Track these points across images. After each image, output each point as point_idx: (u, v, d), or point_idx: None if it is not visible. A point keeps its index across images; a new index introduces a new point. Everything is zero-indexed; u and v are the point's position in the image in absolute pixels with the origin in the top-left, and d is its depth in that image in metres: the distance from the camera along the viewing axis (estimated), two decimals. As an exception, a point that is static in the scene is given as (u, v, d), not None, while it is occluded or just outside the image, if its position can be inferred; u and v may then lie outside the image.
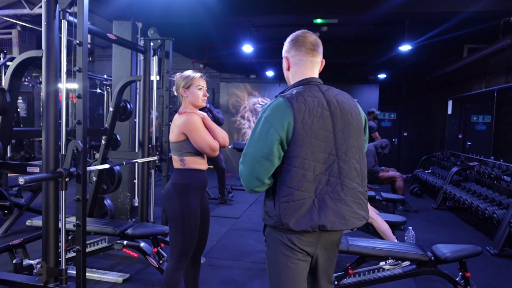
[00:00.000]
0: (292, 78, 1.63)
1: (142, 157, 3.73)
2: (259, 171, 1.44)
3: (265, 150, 1.42)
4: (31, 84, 8.05)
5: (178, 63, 9.98)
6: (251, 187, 1.49)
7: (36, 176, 2.27)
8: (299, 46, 1.59)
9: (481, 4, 4.20)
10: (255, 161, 1.44)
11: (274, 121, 1.43)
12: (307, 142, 1.43)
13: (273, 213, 1.48)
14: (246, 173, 1.47)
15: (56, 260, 2.48)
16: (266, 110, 1.47)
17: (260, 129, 1.45)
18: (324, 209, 1.45)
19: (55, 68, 2.43)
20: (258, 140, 1.45)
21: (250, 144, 1.48)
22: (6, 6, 5.89)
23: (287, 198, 1.44)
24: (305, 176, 1.43)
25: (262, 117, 1.47)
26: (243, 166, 1.48)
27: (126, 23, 4.78)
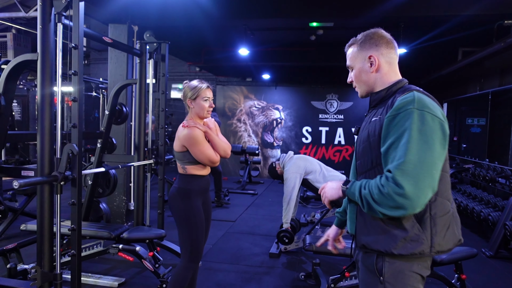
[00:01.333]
0: (381, 80, 1.43)
1: (138, 161, 3.72)
2: (436, 178, 1.20)
3: (442, 150, 1.22)
4: (26, 87, 8.01)
5: (174, 66, 9.98)
6: (425, 202, 1.19)
7: (30, 180, 2.25)
8: (389, 43, 1.42)
9: (475, 8, 4.24)
10: (432, 166, 1.18)
11: (439, 115, 1.25)
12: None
13: (419, 236, 1.26)
14: (420, 185, 1.16)
15: (50, 264, 2.46)
16: (420, 103, 1.23)
17: (431, 126, 1.20)
18: (458, 221, 1.35)
19: (51, 71, 2.41)
20: (431, 139, 1.19)
21: (417, 147, 1.18)
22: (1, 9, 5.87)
23: (444, 211, 1.28)
24: (450, 183, 1.33)
25: (424, 112, 1.22)
26: (410, 177, 1.16)
27: (122, 26, 4.77)
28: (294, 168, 4.01)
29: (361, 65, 1.45)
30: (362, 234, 1.37)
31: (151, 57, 3.77)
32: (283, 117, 9.33)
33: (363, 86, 1.47)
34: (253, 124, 9.43)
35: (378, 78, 1.43)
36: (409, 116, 1.21)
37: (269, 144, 9.39)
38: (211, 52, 7.74)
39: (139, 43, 3.76)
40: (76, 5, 2.38)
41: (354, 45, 1.47)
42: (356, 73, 1.47)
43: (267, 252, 3.95)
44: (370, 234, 1.34)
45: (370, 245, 1.33)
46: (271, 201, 6.64)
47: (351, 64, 1.49)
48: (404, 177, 1.16)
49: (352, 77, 1.51)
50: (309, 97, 9.19)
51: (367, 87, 1.46)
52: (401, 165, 1.17)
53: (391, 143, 1.23)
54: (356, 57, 1.45)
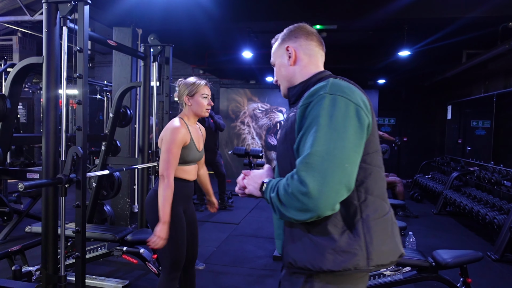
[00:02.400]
0: (301, 72, 1.27)
1: (142, 163, 3.73)
2: (350, 173, 0.99)
3: (357, 139, 1.02)
4: (31, 90, 8.06)
5: (178, 69, 10.01)
6: (335, 203, 0.99)
7: (35, 182, 2.27)
8: (309, 35, 1.30)
9: (480, 10, 4.23)
10: (344, 158, 0.98)
11: (357, 100, 1.05)
12: (375, 133, 1.12)
13: (351, 245, 1.03)
14: (328, 181, 0.96)
15: (55, 266, 2.46)
16: (332, 88, 1.06)
17: (343, 112, 1.02)
18: (396, 229, 1.14)
19: (56, 74, 2.43)
20: (343, 126, 1.00)
21: (326, 137, 0.99)
22: (7, 13, 5.92)
23: (379, 213, 1.07)
24: (383, 179, 1.13)
25: (337, 97, 1.04)
26: (316, 173, 0.97)
27: (126, 29, 4.80)
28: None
29: (280, 60, 1.31)
30: (288, 249, 1.14)
31: (155, 60, 3.78)
32: (286, 119, 9.33)
33: (284, 82, 1.31)
34: (256, 127, 9.43)
35: (297, 71, 1.27)
36: (320, 102, 1.03)
37: (272, 146, 9.38)
38: (215, 55, 7.76)
39: (143, 46, 3.78)
40: (81, 8, 2.40)
41: (276, 41, 1.36)
42: (277, 69, 1.34)
43: (270, 255, 3.94)
44: (297, 248, 1.10)
45: (297, 261, 1.09)
46: (274, 203, 6.62)
47: (273, 60, 1.36)
48: (308, 172, 0.97)
49: (275, 75, 1.37)
50: (313, 99, 9.17)
51: (287, 83, 1.30)
52: (306, 158, 0.98)
53: (301, 137, 1.05)
54: (277, 51, 1.34)
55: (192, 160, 2.23)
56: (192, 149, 2.20)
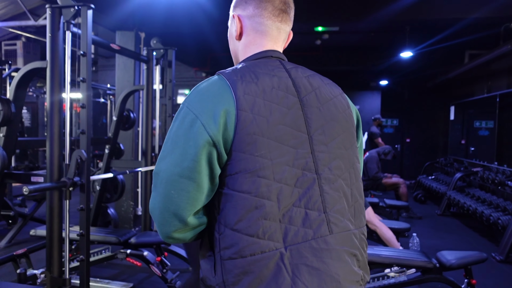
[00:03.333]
0: (242, 52, 1.02)
1: (145, 166, 3.74)
2: (177, 202, 0.83)
3: (185, 162, 0.82)
4: (36, 94, 8.12)
5: (181, 72, 10.04)
6: (168, 232, 0.86)
7: (40, 186, 2.28)
8: (262, 1, 0.99)
9: (482, 11, 4.23)
10: (170, 183, 0.83)
11: (200, 109, 0.83)
12: (263, 146, 0.82)
13: (212, 281, 0.86)
14: (159, 207, 0.85)
15: (60, 269, 2.48)
16: (190, 95, 0.89)
17: (178, 127, 0.85)
18: (303, 272, 0.82)
19: (59, 78, 2.45)
20: (174, 146, 0.84)
21: (162, 155, 0.87)
22: (11, 18, 5.97)
23: (233, 251, 0.82)
24: (263, 209, 0.81)
25: (184, 107, 0.87)
26: (154, 194, 0.87)
27: (129, 33, 4.83)
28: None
29: (230, 27, 1.06)
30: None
31: (158, 63, 3.80)
32: (289, 121, 9.32)
33: (232, 57, 1.09)
34: (259, 129, 9.43)
35: (240, 49, 1.03)
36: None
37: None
38: (218, 58, 7.78)
39: (146, 50, 3.80)
40: (84, 13, 2.42)
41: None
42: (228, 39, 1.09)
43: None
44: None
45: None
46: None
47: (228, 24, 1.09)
48: (152, 191, 0.88)
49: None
50: (315, 101, 9.17)
51: (234, 60, 1.08)
52: (153, 175, 0.89)
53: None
54: (230, 16, 1.06)
55: None
56: None
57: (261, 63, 0.94)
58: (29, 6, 5.48)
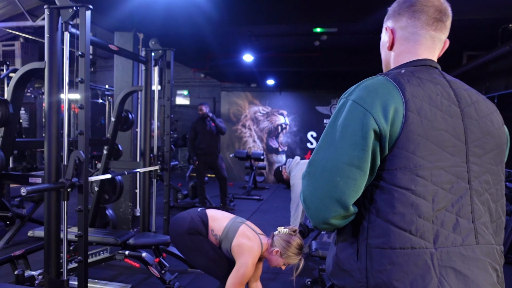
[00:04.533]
0: (394, 61, 1.06)
1: (144, 167, 3.74)
2: (343, 189, 0.87)
3: (354, 151, 0.87)
4: (34, 95, 8.10)
5: (179, 72, 10.05)
6: (326, 218, 0.90)
7: (38, 187, 2.27)
8: (416, 11, 1.01)
9: (479, 12, 4.24)
10: (335, 171, 0.88)
11: (370, 104, 0.88)
12: (425, 148, 0.87)
13: (352, 265, 0.92)
14: (318, 194, 0.90)
15: (57, 271, 2.47)
16: (354, 91, 0.93)
17: (345, 119, 0.90)
18: (450, 275, 0.84)
19: (58, 79, 2.45)
20: (341, 136, 0.89)
21: (324, 145, 0.92)
22: (9, 19, 5.96)
23: (383, 240, 0.87)
24: (419, 207, 0.85)
25: (348, 101, 0.92)
26: (310, 182, 0.92)
27: (128, 34, 4.82)
28: (301, 174, 4.00)
29: (383, 38, 1.11)
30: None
31: (157, 64, 3.80)
32: (288, 122, 9.34)
33: (383, 67, 1.14)
34: (258, 130, 9.44)
35: (392, 59, 1.07)
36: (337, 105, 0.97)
37: (274, 149, 9.39)
38: (216, 59, 7.79)
39: (144, 51, 3.80)
40: (82, 14, 2.41)
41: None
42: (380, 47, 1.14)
43: (273, 258, 3.93)
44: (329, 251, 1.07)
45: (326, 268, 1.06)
46: (276, 206, 6.62)
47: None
48: (306, 181, 0.94)
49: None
50: (314, 102, 9.19)
51: (385, 68, 1.13)
52: (307, 165, 0.95)
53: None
54: (384, 27, 1.11)
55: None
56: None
57: (423, 70, 0.98)
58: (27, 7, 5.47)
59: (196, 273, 3.49)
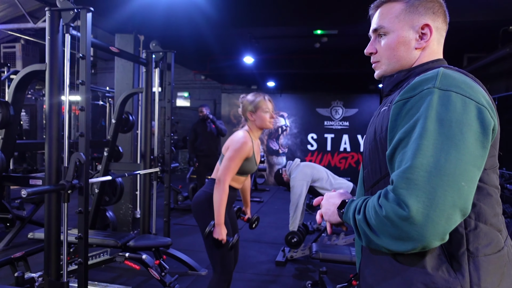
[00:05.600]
0: (418, 60, 1.00)
1: (144, 169, 3.73)
2: (468, 194, 0.76)
3: (477, 150, 0.78)
4: (34, 97, 8.11)
5: (180, 74, 10.06)
6: (445, 232, 0.75)
7: (38, 189, 2.27)
8: (444, 13, 1.02)
9: (480, 14, 4.24)
10: (460, 174, 0.75)
11: (478, 98, 0.81)
12: (497, 146, 0.90)
13: (450, 284, 0.81)
14: (438, 205, 0.74)
15: (58, 273, 2.47)
16: (451, 81, 0.83)
17: (460, 113, 0.78)
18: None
19: (58, 81, 2.45)
20: (459, 133, 0.76)
21: (433, 145, 0.77)
22: (10, 21, 5.97)
23: (489, 247, 0.83)
24: (500, 205, 0.90)
25: (449, 93, 0.80)
26: (422, 192, 0.74)
27: (128, 36, 4.83)
28: (300, 176, 4.00)
29: (405, 34, 0.98)
30: (366, 273, 0.96)
31: (157, 66, 3.80)
32: (288, 124, 9.34)
33: (393, 64, 1.01)
34: (258, 132, 9.44)
35: (420, 58, 1.00)
36: (425, 98, 0.81)
37: (274, 151, 9.39)
38: (216, 61, 7.80)
39: (145, 53, 3.80)
40: (83, 16, 2.42)
41: (400, 2, 1.00)
42: (392, 43, 1.00)
43: (273, 260, 3.92)
44: (377, 274, 0.92)
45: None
46: (277, 208, 6.61)
47: (388, 26, 1.00)
48: (410, 191, 0.75)
49: (379, 47, 1.04)
50: (314, 104, 9.20)
51: (397, 65, 1.01)
52: (406, 172, 0.76)
53: (398, 141, 0.82)
54: (402, 19, 0.98)
55: (249, 171, 2.33)
56: (252, 162, 2.30)
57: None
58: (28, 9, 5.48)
59: (196, 275, 3.48)
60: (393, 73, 1.03)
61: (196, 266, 3.55)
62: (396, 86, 1.01)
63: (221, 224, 2.15)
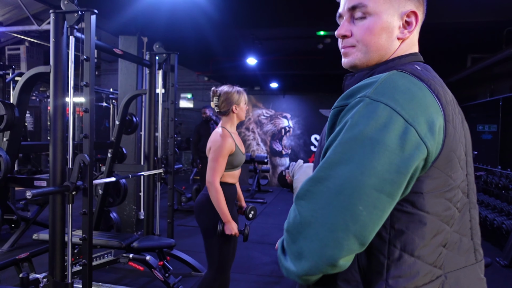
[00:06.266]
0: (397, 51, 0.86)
1: (148, 170, 3.74)
2: (366, 221, 0.66)
3: (387, 173, 0.67)
4: (39, 99, 8.16)
5: (183, 76, 10.08)
6: (334, 257, 0.66)
7: (43, 190, 2.29)
8: (424, 3, 0.91)
9: (484, 15, 4.23)
10: (357, 197, 0.66)
11: (413, 115, 0.69)
12: (454, 165, 0.75)
13: None
14: (327, 223, 0.66)
15: (62, 274, 2.48)
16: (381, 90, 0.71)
17: (377, 128, 0.68)
18: None
19: (63, 83, 2.46)
20: (371, 151, 0.67)
21: (341, 159, 0.69)
22: (15, 23, 6.02)
23: (411, 280, 0.72)
24: (443, 234, 0.75)
25: (377, 104, 0.69)
26: (316, 206, 0.68)
27: (132, 37, 4.85)
28: (304, 177, 3.99)
29: (389, 19, 0.84)
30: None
31: (161, 67, 3.82)
32: (291, 125, 9.33)
33: (371, 53, 0.85)
34: (261, 133, 9.45)
35: (397, 51, 0.86)
36: (354, 108, 0.72)
37: (277, 152, 9.38)
38: (219, 62, 7.81)
39: (148, 54, 3.81)
40: (88, 18, 2.43)
41: None
42: (374, 27, 0.84)
43: (277, 261, 3.91)
44: None
45: None
46: (280, 209, 6.61)
47: (371, 6, 0.83)
48: (307, 200, 0.69)
49: (356, 30, 0.86)
50: (317, 105, 9.19)
51: (376, 57, 0.86)
52: (310, 181, 0.71)
53: (324, 150, 0.75)
54: (387, 1, 0.83)
55: (238, 164, 2.36)
56: (238, 154, 2.33)
57: (427, 68, 0.83)
58: (33, 11, 5.52)
59: (199, 276, 3.49)
60: (367, 65, 0.87)
61: (200, 267, 3.56)
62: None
63: (229, 220, 2.20)
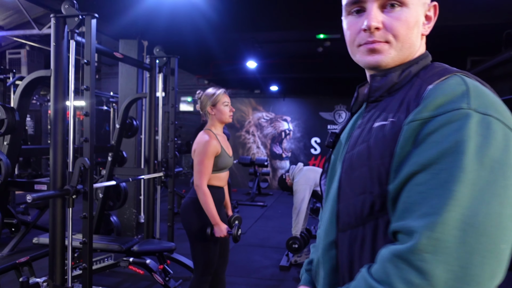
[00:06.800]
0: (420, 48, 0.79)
1: (148, 173, 3.74)
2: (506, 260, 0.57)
3: None
4: (39, 102, 8.17)
5: (183, 79, 10.09)
6: None
7: (43, 194, 2.29)
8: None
9: (483, 17, 4.24)
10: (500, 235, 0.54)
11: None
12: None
13: None
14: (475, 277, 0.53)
15: (62, 278, 2.47)
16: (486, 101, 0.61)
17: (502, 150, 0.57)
18: None
19: (63, 86, 2.47)
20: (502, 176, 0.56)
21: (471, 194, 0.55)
22: (16, 27, 6.04)
23: None
24: None
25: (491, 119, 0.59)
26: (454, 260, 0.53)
27: (132, 41, 4.87)
28: (303, 180, 3.99)
29: (419, 12, 0.73)
30: None
31: (161, 71, 3.83)
32: (291, 128, 9.34)
33: (405, 50, 0.74)
34: (261, 136, 9.45)
35: (421, 47, 0.79)
36: (460, 123, 0.58)
37: (278, 155, 9.38)
38: (219, 65, 7.82)
39: (149, 58, 3.82)
40: (88, 22, 2.44)
41: None
42: (411, 20, 0.72)
43: (277, 265, 3.91)
44: None
45: None
46: (280, 213, 6.60)
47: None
48: (438, 256, 0.53)
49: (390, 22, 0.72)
50: (317, 108, 9.20)
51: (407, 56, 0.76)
52: (432, 227, 0.54)
53: (410, 175, 0.60)
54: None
55: (225, 166, 2.35)
56: (224, 156, 2.32)
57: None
58: (34, 15, 5.54)
59: (200, 280, 3.48)
60: (397, 64, 0.75)
61: (200, 271, 3.54)
62: (388, 91, 0.76)
63: (218, 223, 2.20)
